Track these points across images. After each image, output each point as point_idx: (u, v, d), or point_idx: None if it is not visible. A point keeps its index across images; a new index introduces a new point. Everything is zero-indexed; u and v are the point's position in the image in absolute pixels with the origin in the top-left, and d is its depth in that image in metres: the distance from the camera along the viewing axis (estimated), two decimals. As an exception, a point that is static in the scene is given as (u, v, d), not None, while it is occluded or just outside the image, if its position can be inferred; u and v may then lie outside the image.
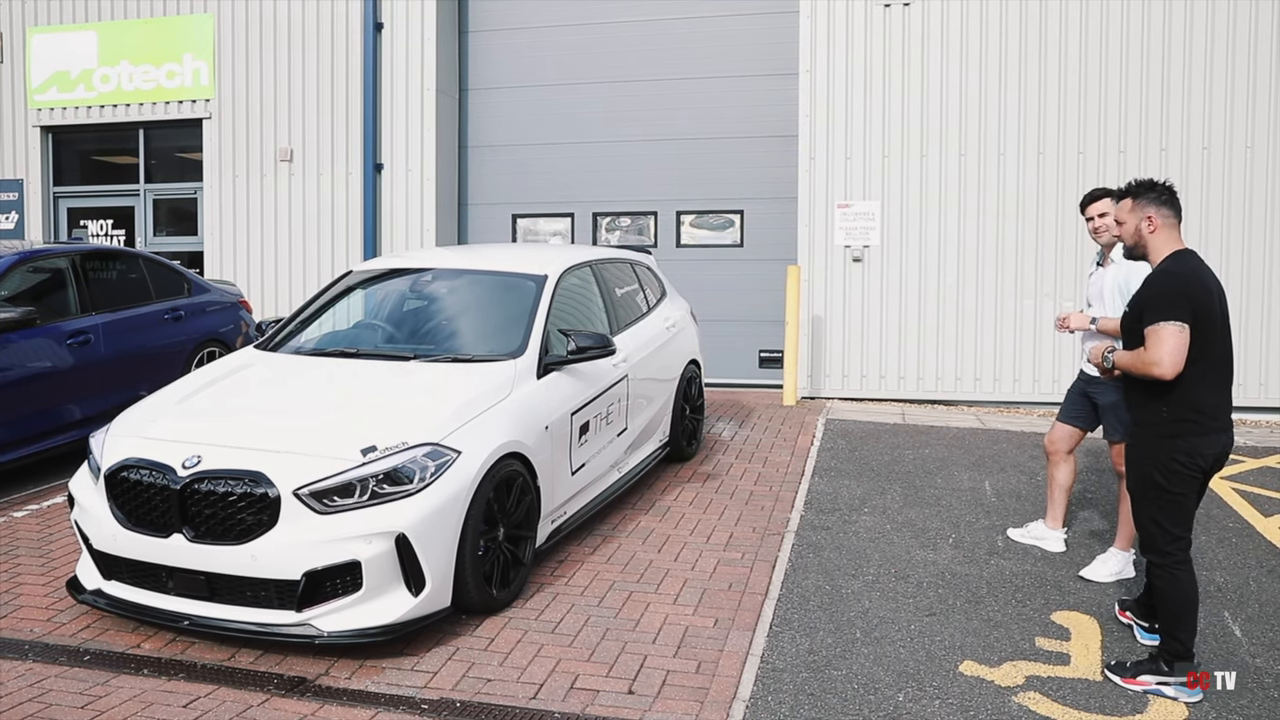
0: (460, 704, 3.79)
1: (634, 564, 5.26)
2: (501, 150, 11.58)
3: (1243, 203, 9.26)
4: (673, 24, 10.97)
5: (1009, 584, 5.02)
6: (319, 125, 11.38)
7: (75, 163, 12.87)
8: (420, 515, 4.11)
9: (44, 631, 4.43)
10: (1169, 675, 3.88)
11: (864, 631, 4.45)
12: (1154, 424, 3.90)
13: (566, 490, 5.32)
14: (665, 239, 11.10)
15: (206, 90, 11.68)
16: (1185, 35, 9.29)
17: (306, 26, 11.38)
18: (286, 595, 4.08)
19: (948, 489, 6.70)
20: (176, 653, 4.21)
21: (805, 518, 6.04)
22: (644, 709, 3.77)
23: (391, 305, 6.15)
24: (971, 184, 9.75)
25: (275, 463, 4.16)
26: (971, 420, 9.02)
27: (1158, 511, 3.91)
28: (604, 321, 6.29)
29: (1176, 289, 3.79)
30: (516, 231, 11.61)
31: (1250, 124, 9.22)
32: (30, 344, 6.63)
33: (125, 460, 4.36)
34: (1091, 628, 4.50)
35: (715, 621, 4.55)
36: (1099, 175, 9.28)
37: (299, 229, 11.50)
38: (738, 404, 9.52)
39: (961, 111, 9.74)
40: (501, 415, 4.74)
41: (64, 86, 12.17)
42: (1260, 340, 9.27)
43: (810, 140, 10.04)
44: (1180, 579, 3.89)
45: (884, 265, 9.95)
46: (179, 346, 7.95)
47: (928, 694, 3.88)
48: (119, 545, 4.31)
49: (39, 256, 7.17)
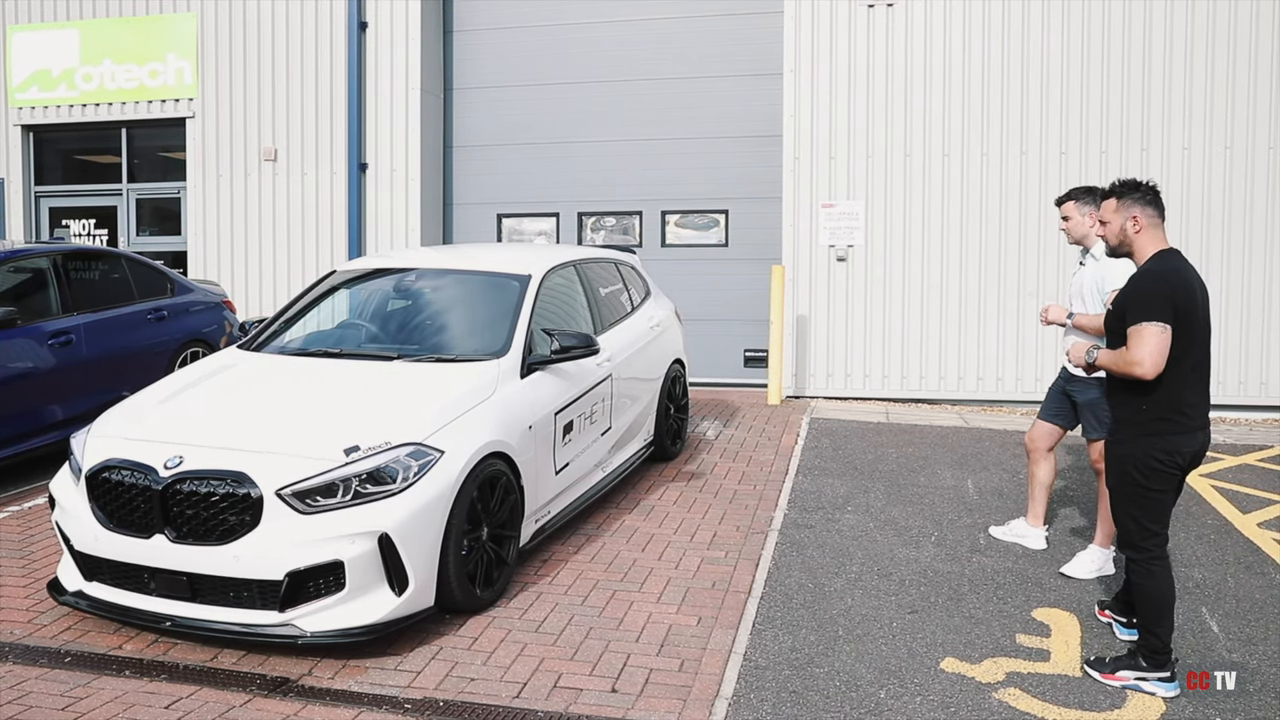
0: (443, 703, 3.80)
1: (618, 563, 5.27)
2: (486, 150, 11.56)
3: (1222, 202, 9.34)
4: (658, 24, 10.99)
5: (990, 581, 5.06)
6: (303, 125, 11.34)
7: (57, 162, 12.79)
8: (403, 515, 4.11)
9: (25, 633, 4.40)
10: (1147, 670, 3.91)
11: (846, 629, 4.47)
12: (1134, 422, 3.93)
13: (550, 489, 5.33)
14: (650, 239, 11.11)
15: (190, 89, 11.63)
16: (1166, 36, 9.37)
17: (290, 26, 11.34)
18: (269, 595, 4.07)
19: (930, 487, 6.74)
20: (158, 654, 4.20)
21: (789, 516, 6.06)
22: (627, 708, 3.78)
23: (375, 305, 6.14)
24: (955, 184, 9.81)
25: (258, 463, 4.15)
26: (954, 419, 9.07)
27: (1136, 508, 3.95)
28: (588, 321, 6.29)
29: (1160, 289, 3.82)
30: (501, 231, 11.60)
31: (1229, 124, 9.30)
32: (11, 344, 6.58)
33: (107, 461, 4.35)
34: (1071, 624, 4.54)
35: (698, 620, 4.56)
36: (1081, 175, 9.34)
37: (283, 229, 11.46)
38: (722, 403, 9.54)
39: (945, 112, 9.79)
40: (485, 415, 4.74)
41: (45, 85, 12.09)
42: (1240, 339, 9.35)
43: (795, 140, 10.08)
44: (1158, 575, 3.93)
45: (868, 265, 9.99)
46: (162, 347, 7.91)
47: (909, 691, 3.91)
48: (100, 546, 4.29)
49: (20, 256, 7.13)
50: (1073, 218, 5.18)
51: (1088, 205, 5.08)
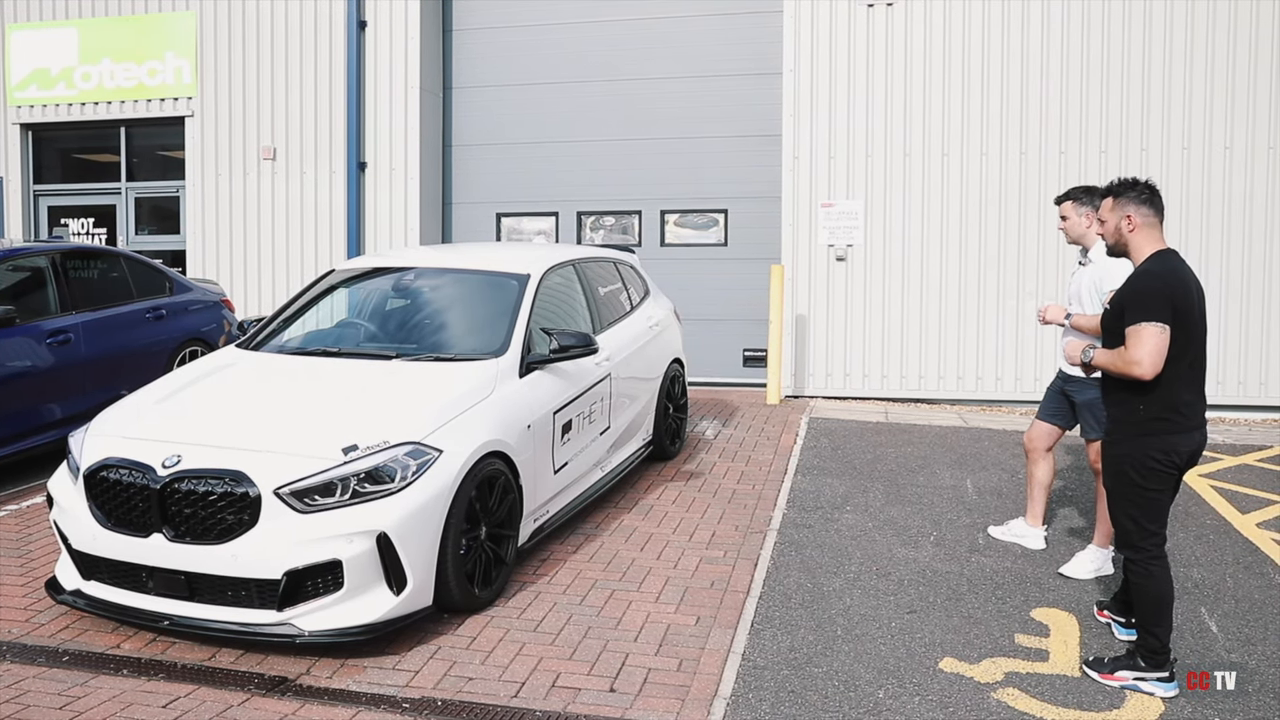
0: (442, 703, 3.79)
1: (616, 562, 5.26)
2: (485, 149, 11.55)
3: (1222, 202, 9.34)
4: (658, 23, 10.98)
5: (989, 581, 5.05)
6: (302, 123, 11.33)
7: (56, 161, 12.77)
8: (402, 514, 4.11)
9: (22, 632, 4.40)
10: (1146, 671, 3.91)
11: (845, 629, 4.47)
12: (1131, 421, 3.93)
13: (549, 489, 5.32)
14: (650, 238, 11.10)
15: (189, 88, 11.61)
16: (1165, 36, 9.36)
17: (290, 24, 11.33)
18: (267, 595, 4.07)
19: (929, 487, 6.74)
20: (156, 653, 4.20)
21: (788, 516, 6.06)
22: (625, 707, 3.77)
23: (374, 304, 6.13)
24: (954, 183, 9.80)
25: (256, 462, 4.15)
26: (954, 418, 9.07)
27: (1134, 508, 3.95)
28: (587, 320, 6.29)
29: (1158, 290, 3.81)
30: (501, 230, 11.60)
31: (1229, 124, 9.30)
32: (9, 343, 6.58)
33: (105, 460, 4.35)
34: (1070, 624, 4.54)
35: (697, 619, 4.56)
36: (1080, 174, 9.34)
37: (282, 228, 11.45)
38: (721, 403, 9.54)
39: (944, 111, 9.79)
40: (483, 414, 4.74)
41: (44, 84, 12.08)
42: (1239, 339, 9.35)
43: (794, 140, 10.07)
44: (1156, 574, 3.93)
45: (867, 264, 9.98)
46: (160, 346, 7.90)
47: (908, 690, 3.91)
48: (98, 545, 4.28)
49: (19, 255, 7.12)
50: (1070, 218, 5.19)
51: (1085, 206, 5.09)
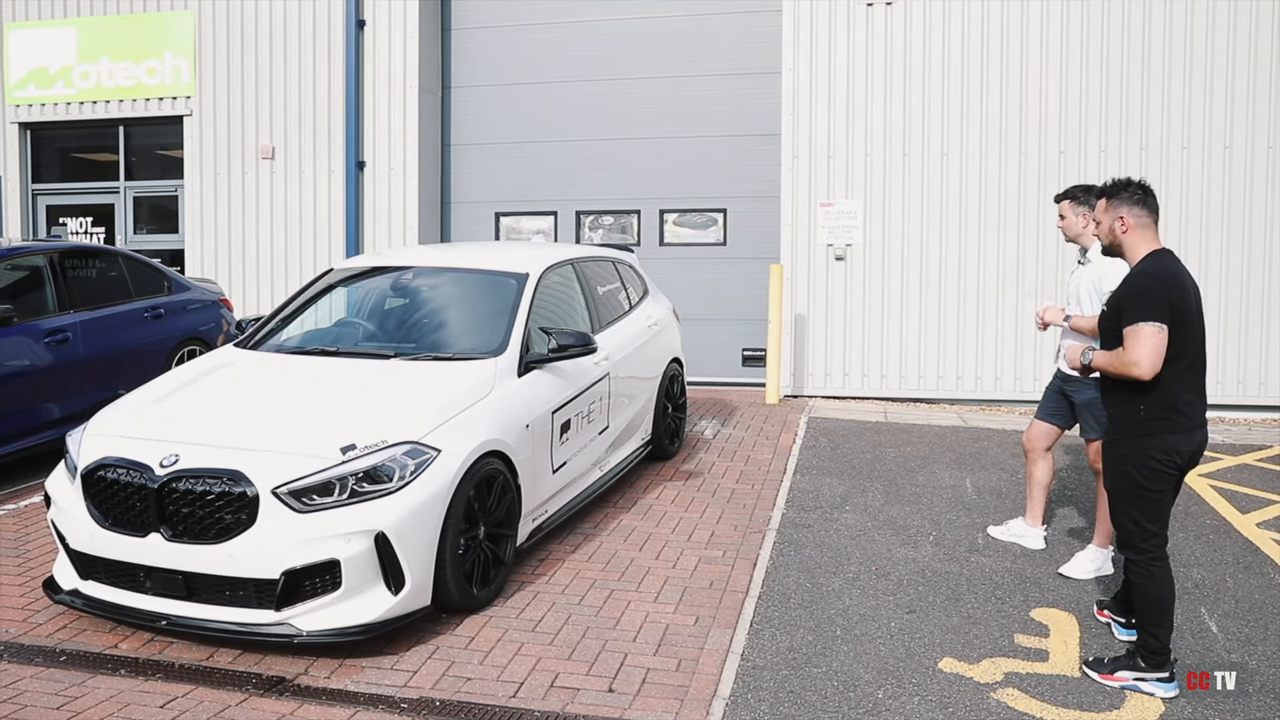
0: (440, 703, 3.78)
1: (615, 562, 5.25)
2: (484, 148, 11.55)
3: (1221, 201, 9.33)
4: (658, 22, 10.97)
5: (989, 581, 5.05)
6: (301, 123, 11.32)
7: (55, 160, 12.76)
8: (400, 514, 4.10)
9: (20, 632, 4.39)
10: (1146, 671, 3.91)
11: (844, 629, 4.46)
12: (1132, 422, 3.92)
13: (548, 489, 5.31)
14: (649, 237, 11.09)
15: (187, 87, 11.60)
16: (1165, 35, 9.36)
17: (288, 23, 11.32)
18: (265, 594, 4.06)
19: (929, 487, 6.73)
20: (154, 653, 4.19)
21: (787, 516, 6.05)
22: (624, 707, 3.77)
23: (372, 303, 6.12)
24: (954, 182, 9.80)
25: (254, 461, 4.14)
26: (953, 418, 9.06)
27: (1134, 508, 3.94)
28: (585, 320, 6.28)
29: (1155, 290, 3.81)
30: (499, 230, 11.59)
31: (1229, 124, 9.29)
32: (7, 342, 6.56)
33: (102, 459, 4.33)
34: (1070, 624, 4.53)
35: (696, 619, 4.55)
36: (1080, 174, 9.33)
37: (280, 227, 11.44)
38: (720, 402, 9.53)
39: (943, 110, 9.78)
40: (482, 413, 4.73)
41: (43, 83, 12.06)
42: (1239, 338, 9.35)
43: (793, 139, 10.06)
44: (1157, 575, 3.92)
45: (866, 264, 9.98)
46: (159, 345, 7.89)
47: (907, 691, 3.90)
48: (96, 545, 4.27)
49: (17, 254, 7.11)
50: (1068, 217, 5.18)
51: (1083, 205, 5.07)
